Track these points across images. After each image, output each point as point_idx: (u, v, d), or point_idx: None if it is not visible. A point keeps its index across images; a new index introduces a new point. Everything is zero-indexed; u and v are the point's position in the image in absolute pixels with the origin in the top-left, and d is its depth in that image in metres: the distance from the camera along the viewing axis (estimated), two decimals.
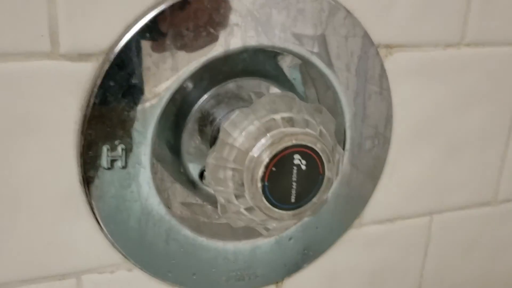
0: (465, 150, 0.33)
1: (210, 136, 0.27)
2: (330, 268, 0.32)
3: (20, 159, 0.23)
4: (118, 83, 0.23)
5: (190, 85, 0.27)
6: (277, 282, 0.31)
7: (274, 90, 0.29)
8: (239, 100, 0.27)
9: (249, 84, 0.28)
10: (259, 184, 0.22)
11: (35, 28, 0.21)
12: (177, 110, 0.27)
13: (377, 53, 0.28)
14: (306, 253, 0.30)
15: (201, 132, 0.28)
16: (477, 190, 0.35)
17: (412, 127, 0.31)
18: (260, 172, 0.22)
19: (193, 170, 0.29)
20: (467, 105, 0.32)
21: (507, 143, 0.34)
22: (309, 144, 0.22)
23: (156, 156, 0.27)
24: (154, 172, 0.25)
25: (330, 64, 0.26)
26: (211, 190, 0.29)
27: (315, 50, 0.26)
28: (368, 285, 0.34)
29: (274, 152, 0.22)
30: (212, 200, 0.29)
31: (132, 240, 0.26)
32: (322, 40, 0.26)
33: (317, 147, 0.23)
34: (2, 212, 0.24)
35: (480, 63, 0.31)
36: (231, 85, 0.27)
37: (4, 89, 0.22)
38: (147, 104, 0.23)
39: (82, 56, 0.22)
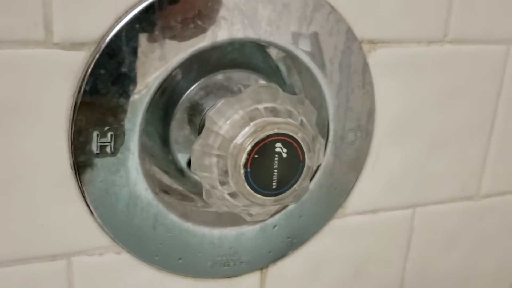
0: (447, 145, 0.34)
1: (199, 126, 0.28)
2: (314, 257, 0.33)
3: (14, 143, 0.24)
4: (108, 71, 0.24)
5: (179, 75, 0.28)
6: (261, 269, 0.32)
7: (262, 82, 0.30)
8: (228, 92, 0.28)
9: (238, 76, 0.29)
10: (242, 170, 0.23)
11: (30, 17, 0.22)
12: (167, 100, 0.28)
13: (361, 48, 0.29)
14: (290, 241, 0.31)
15: (190, 122, 0.29)
16: (459, 184, 0.36)
17: (394, 121, 0.32)
18: (243, 158, 0.23)
19: (182, 158, 0.30)
20: (450, 100, 0.33)
21: (489, 139, 0.35)
22: (290, 133, 0.23)
23: (145, 143, 0.28)
24: (142, 158, 0.26)
25: (314, 58, 0.27)
26: (198, 178, 0.29)
27: (300, 44, 0.27)
28: (351, 274, 0.35)
29: (256, 139, 0.23)
30: (199, 188, 0.30)
31: (120, 224, 0.27)
32: (306, 35, 0.27)
33: (298, 136, 0.24)
34: None
35: (463, 60, 0.32)
36: (219, 76, 0.28)
37: (1, 74, 0.23)
38: (136, 92, 0.24)
39: (75, 45, 0.23)
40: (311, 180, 0.29)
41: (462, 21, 0.31)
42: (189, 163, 0.30)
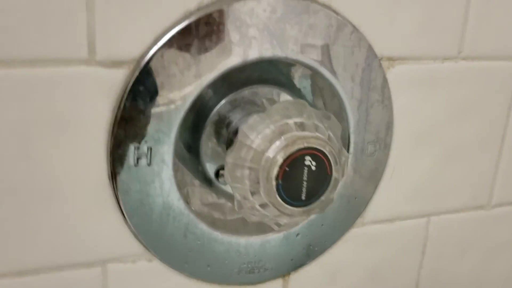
0: (461, 157, 0.36)
1: (227, 138, 0.29)
2: (333, 264, 0.34)
3: (56, 154, 0.25)
4: (147, 88, 0.25)
5: (210, 91, 0.29)
6: (284, 276, 0.33)
7: (285, 97, 0.31)
8: (253, 105, 0.30)
9: (263, 91, 0.30)
10: (274, 182, 0.24)
11: (75, 37, 0.24)
12: (197, 114, 0.30)
13: (380, 65, 0.30)
14: (312, 249, 0.32)
15: (218, 134, 0.30)
16: (472, 194, 0.37)
17: (411, 133, 0.33)
18: (275, 171, 0.24)
19: (210, 169, 0.31)
20: (464, 114, 0.34)
21: (501, 151, 0.37)
22: (319, 147, 0.25)
23: (177, 155, 0.29)
24: (175, 170, 0.27)
25: (336, 75, 0.29)
26: (226, 188, 0.31)
27: (324, 62, 0.28)
28: (368, 281, 0.36)
29: (287, 153, 0.24)
30: (226, 197, 0.31)
31: (153, 233, 0.28)
32: (330, 53, 0.28)
33: (326, 150, 0.25)
34: (37, 202, 0.26)
35: (476, 76, 0.34)
36: (247, 91, 0.30)
37: (46, 90, 0.24)
38: (172, 107, 0.26)
39: (116, 63, 0.25)
40: None
41: (476, 39, 0.33)
42: (216, 174, 0.31)
